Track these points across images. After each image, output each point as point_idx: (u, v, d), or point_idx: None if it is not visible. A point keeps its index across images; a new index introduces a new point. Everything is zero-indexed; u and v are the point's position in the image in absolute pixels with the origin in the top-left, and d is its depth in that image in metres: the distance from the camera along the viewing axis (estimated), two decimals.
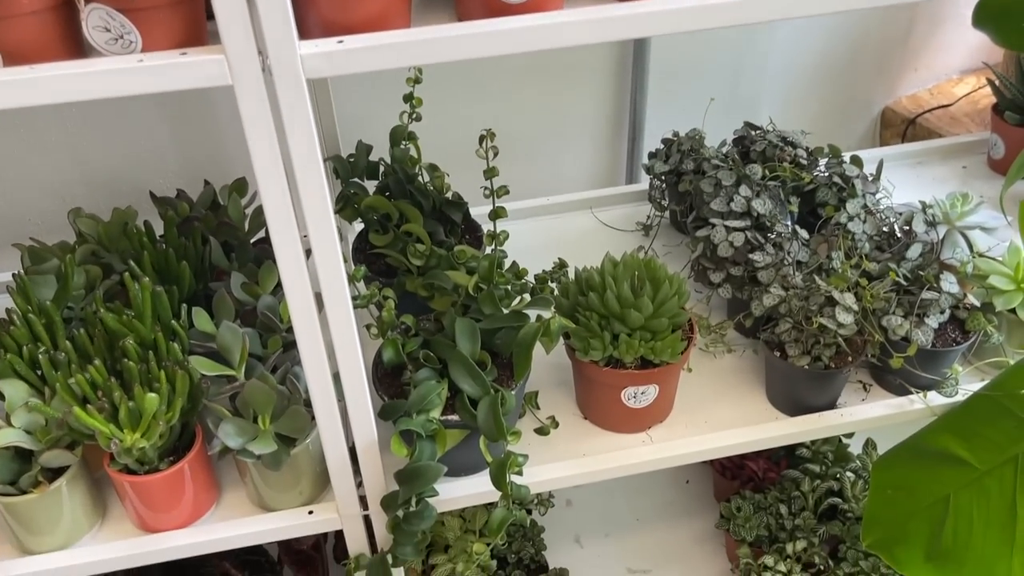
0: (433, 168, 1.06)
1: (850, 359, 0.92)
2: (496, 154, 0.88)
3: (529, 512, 1.34)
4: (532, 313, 0.88)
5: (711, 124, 1.26)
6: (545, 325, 0.84)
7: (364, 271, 0.86)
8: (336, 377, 0.77)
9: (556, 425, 0.97)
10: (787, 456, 1.38)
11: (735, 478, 1.38)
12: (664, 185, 1.23)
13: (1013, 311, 0.94)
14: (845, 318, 0.89)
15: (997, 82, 1.31)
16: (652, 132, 1.43)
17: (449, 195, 1.08)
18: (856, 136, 1.67)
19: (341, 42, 0.61)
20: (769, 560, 1.23)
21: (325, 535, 1.21)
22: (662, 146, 1.24)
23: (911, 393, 0.96)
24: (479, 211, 1.25)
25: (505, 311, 0.89)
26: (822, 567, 1.22)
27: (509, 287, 0.93)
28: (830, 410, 0.96)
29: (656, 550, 1.40)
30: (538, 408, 0.99)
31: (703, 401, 1.00)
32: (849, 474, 1.30)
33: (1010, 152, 1.31)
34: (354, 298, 0.86)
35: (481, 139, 0.88)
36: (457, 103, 1.36)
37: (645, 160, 1.25)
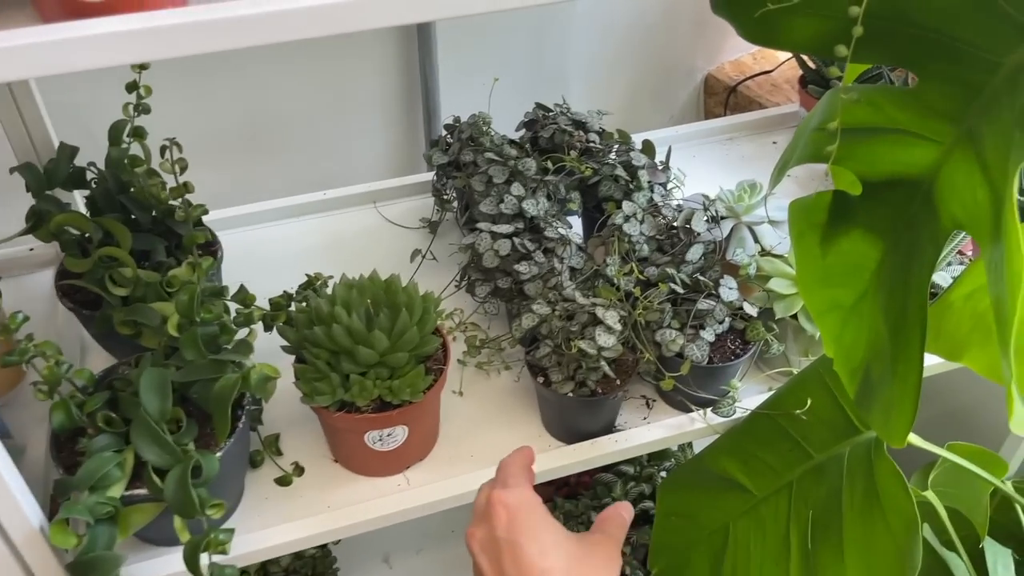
0: (151, 174, 0.90)
1: (618, 383, 0.83)
2: (184, 168, 0.73)
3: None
4: (238, 359, 0.75)
5: (516, 105, 1.12)
6: (244, 375, 0.71)
7: (23, 318, 0.70)
8: None
9: (300, 472, 0.84)
10: None
11: (550, 483, 1.29)
12: (446, 178, 1.10)
13: (795, 316, 0.87)
14: (606, 340, 0.79)
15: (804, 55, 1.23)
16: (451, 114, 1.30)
17: (178, 203, 0.92)
18: (679, 105, 1.59)
19: None
20: None
21: None
22: (445, 132, 1.11)
23: (692, 411, 0.88)
24: (224, 215, 1.10)
25: (212, 356, 0.75)
26: None
27: (230, 320, 0.78)
28: (606, 435, 0.87)
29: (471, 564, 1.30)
30: (280, 454, 0.86)
31: (472, 429, 0.89)
32: (663, 474, 1.23)
33: None
34: (7, 354, 0.70)
35: (163, 150, 0.72)
36: (215, 88, 1.19)
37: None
